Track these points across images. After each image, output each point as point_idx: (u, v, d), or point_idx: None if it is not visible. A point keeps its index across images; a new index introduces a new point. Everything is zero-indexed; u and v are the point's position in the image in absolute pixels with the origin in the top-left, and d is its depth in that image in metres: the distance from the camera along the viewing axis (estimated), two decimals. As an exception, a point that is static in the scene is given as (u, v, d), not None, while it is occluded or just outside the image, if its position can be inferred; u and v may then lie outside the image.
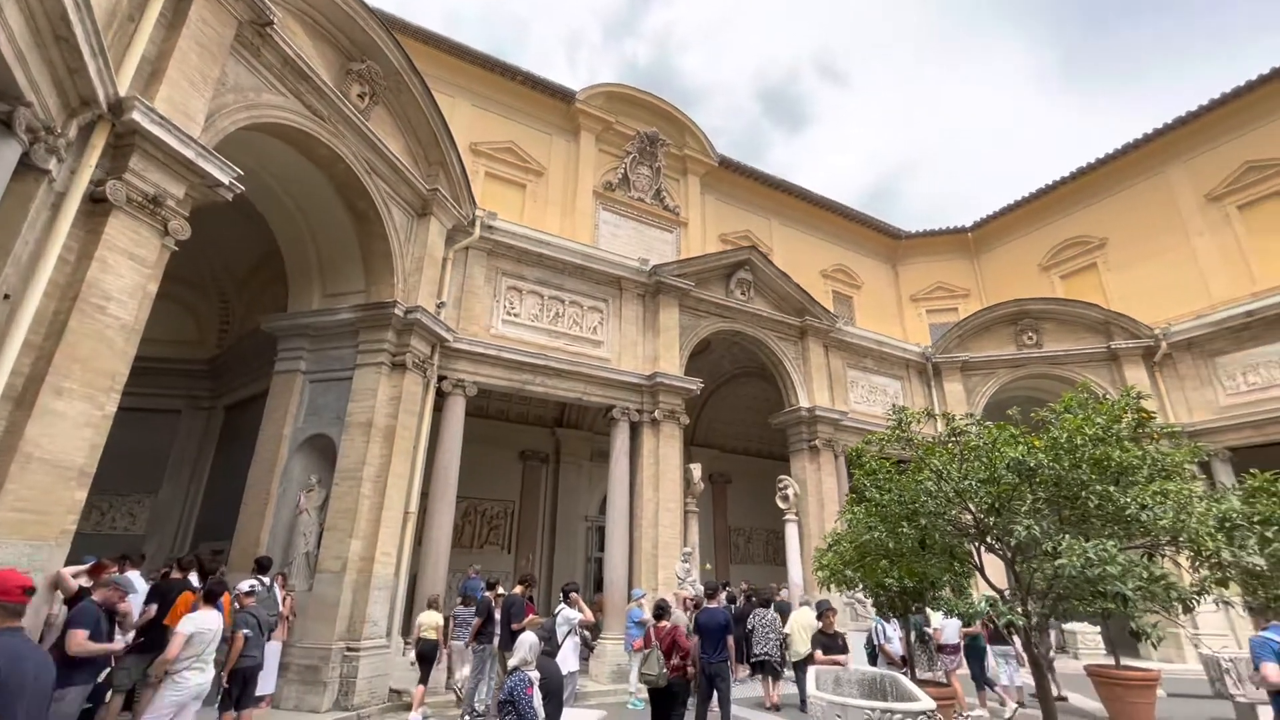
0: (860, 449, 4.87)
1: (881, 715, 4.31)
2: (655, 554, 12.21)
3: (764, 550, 21.62)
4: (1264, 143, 17.93)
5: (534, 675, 4.63)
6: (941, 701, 6.73)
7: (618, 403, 12.88)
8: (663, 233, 20.71)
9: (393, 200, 10.16)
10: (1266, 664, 4.12)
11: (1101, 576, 2.99)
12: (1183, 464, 3.89)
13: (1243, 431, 15.35)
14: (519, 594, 8.37)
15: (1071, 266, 22.20)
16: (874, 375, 17.59)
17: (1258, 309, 15.53)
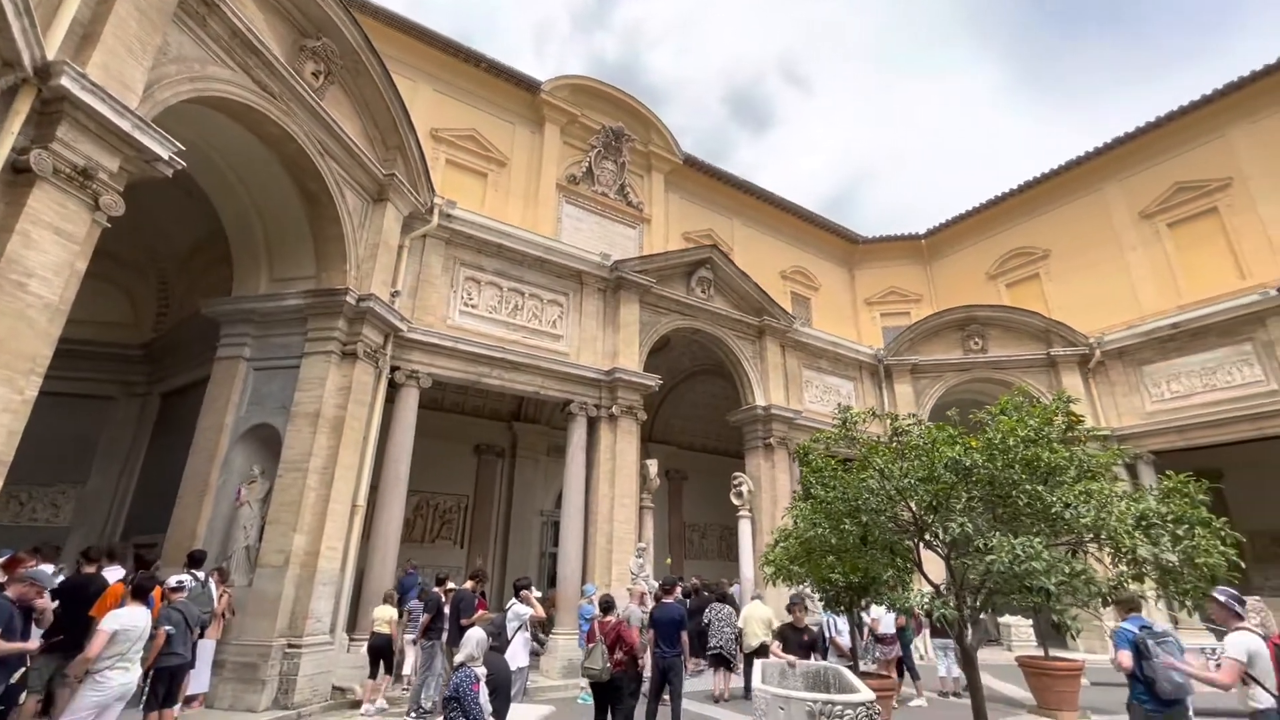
0: (807, 447, 4.98)
1: (823, 707, 4.43)
2: (610, 549, 12.23)
3: (718, 546, 21.89)
4: (1193, 165, 19.04)
5: (481, 671, 4.57)
6: (881, 693, 6.97)
7: (576, 397, 12.82)
8: (626, 228, 20.68)
9: (346, 184, 9.85)
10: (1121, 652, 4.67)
11: (1028, 572, 3.15)
12: (1108, 465, 4.11)
13: (1166, 436, 16.31)
14: (469, 589, 8.26)
15: (1017, 276, 23.15)
16: (828, 376, 17.99)
17: (1182, 321, 16.51)
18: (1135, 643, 4.61)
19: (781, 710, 4.50)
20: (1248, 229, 17.78)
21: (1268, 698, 4.29)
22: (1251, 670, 4.37)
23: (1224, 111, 18.55)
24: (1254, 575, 16.60)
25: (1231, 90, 18.25)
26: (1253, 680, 4.37)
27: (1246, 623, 4.45)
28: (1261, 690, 4.31)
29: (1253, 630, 4.53)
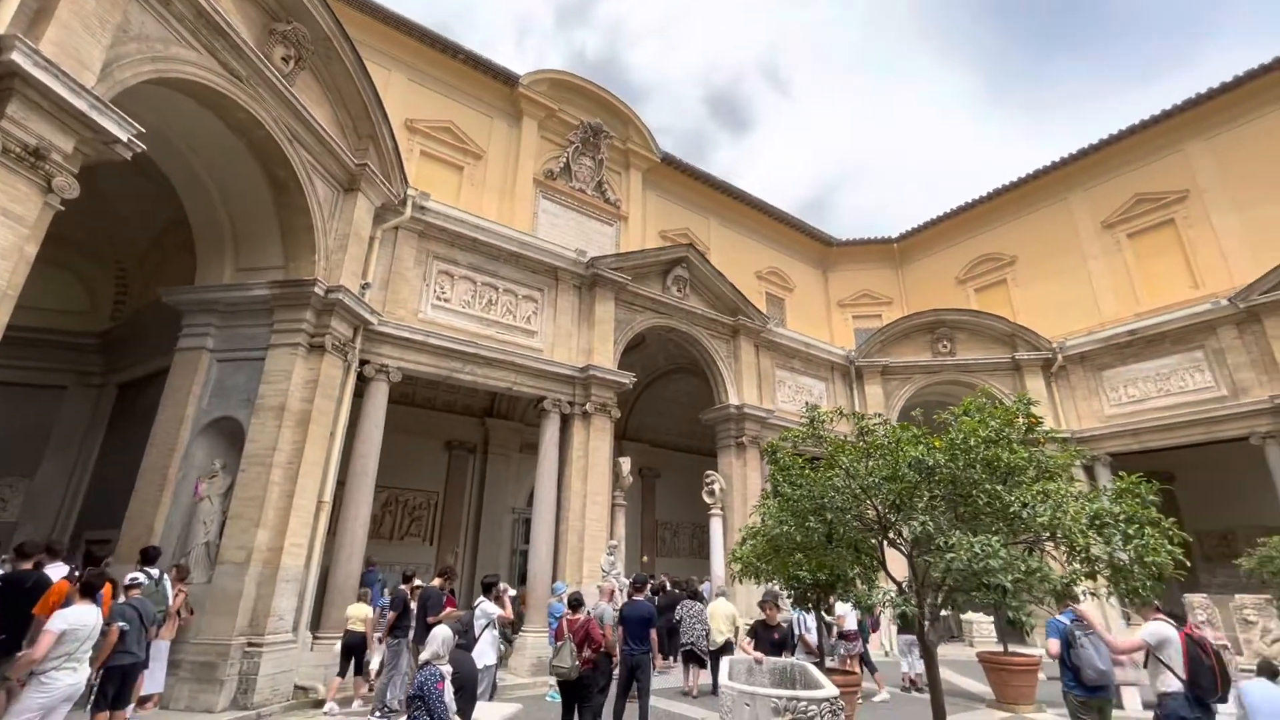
0: (775, 445, 5.03)
1: (788, 703, 4.48)
2: (581, 547, 12.20)
3: (689, 544, 22.01)
4: (1153, 177, 19.72)
5: (446, 670, 4.52)
6: (845, 688, 7.08)
7: (549, 394, 12.75)
8: (603, 225, 20.63)
9: (316, 172, 9.63)
10: (1051, 640, 5.27)
11: (986, 569, 3.24)
12: (1066, 466, 4.24)
13: (1122, 439, 16.88)
14: (437, 586, 8.17)
15: (985, 281, 23.70)
16: (801, 376, 18.20)
17: (1139, 328, 17.09)
18: (1064, 633, 5.12)
19: (747, 706, 4.54)
20: (1202, 240, 18.48)
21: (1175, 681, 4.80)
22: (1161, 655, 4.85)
23: (1183, 127, 19.23)
24: (1201, 574, 17.30)
25: (1190, 106, 18.93)
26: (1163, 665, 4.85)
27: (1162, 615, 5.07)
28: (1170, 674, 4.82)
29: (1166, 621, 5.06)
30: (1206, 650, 4.87)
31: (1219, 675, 4.78)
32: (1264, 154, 17.64)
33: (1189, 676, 4.79)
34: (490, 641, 7.24)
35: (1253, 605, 13.21)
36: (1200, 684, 4.77)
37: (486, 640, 7.20)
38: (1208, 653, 4.86)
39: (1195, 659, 4.84)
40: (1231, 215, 17.99)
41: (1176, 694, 4.84)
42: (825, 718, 4.48)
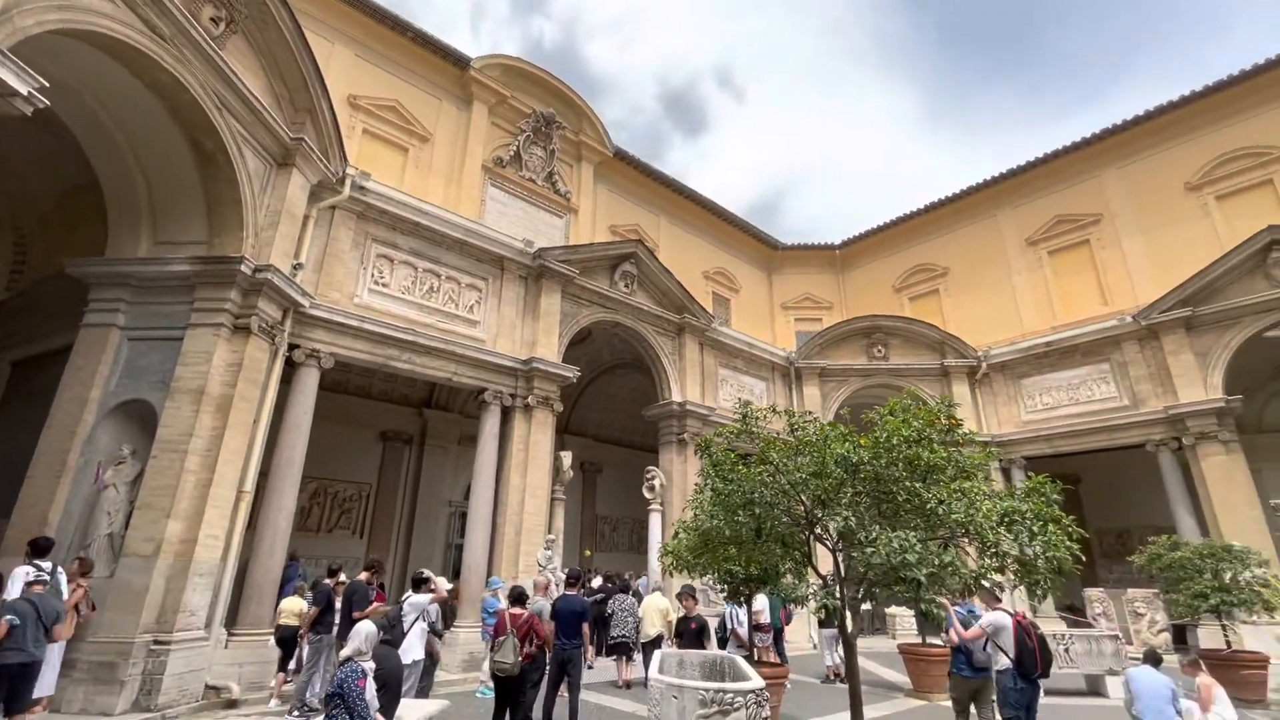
0: (708, 440, 5.10)
1: (715, 695, 4.56)
2: (518, 541, 12.05)
3: (629, 539, 22.10)
4: (1072, 200, 21.09)
5: (368, 666, 4.38)
6: (773, 680, 7.28)
7: (490, 385, 12.52)
8: (552, 217, 20.40)
9: (247, 144, 9.10)
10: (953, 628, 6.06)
11: (903, 564, 3.39)
12: (983, 466, 4.48)
13: (1036, 443, 18.01)
14: (364, 580, 7.89)
15: (919, 290, 24.78)
16: (743, 375, 18.54)
17: (1055, 341, 18.27)
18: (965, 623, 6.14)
19: (675, 699, 4.59)
20: (1112, 261, 19.90)
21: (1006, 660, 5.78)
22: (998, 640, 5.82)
23: (1099, 155, 20.65)
24: (1100, 570, 18.67)
25: (1105, 136, 20.33)
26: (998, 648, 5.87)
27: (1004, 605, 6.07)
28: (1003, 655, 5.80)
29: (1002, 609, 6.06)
30: (1030, 635, 5.72)
31: (1039, 655, 5.66)
32: (1167, 184, 19.15)
33: (1016, 656, 5.66)
34: (419, 636, 7.05)
35: (1142, 599, 14.37)
36: (1024, 662, 5.65)
37: (415, 635, 7.00)
38: (1031, 637, 5.72)
39: (1021, 642, 5.70)
40: (1139, 239, 19.45)
41: (1007, 670, 5.77)
42: (751, 709, 4.58)
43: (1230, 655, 10.31)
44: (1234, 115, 18.30)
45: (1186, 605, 10.75)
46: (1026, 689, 5.74)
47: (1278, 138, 17.50)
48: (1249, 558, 10.67)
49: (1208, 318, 15.58)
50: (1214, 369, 15.34)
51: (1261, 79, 17.76)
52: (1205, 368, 15.46)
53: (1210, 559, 10.75)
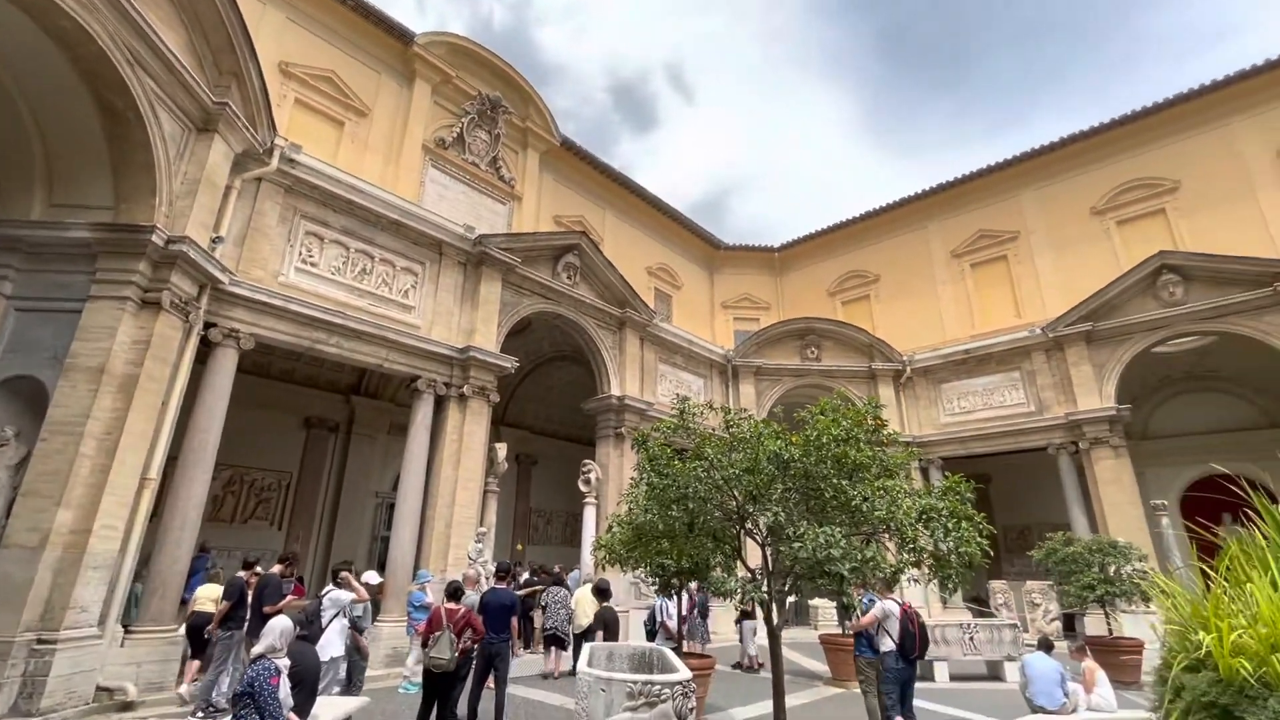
0: (645, 434, 5.15)
1: (643, 686, 4.61)
2: (448, 534, 11.78)
3: (562, 532, 22.01)
4: (993, 217, 22.44)
5: (283, 663, 4.18)
6: (699, 671, 7.43)
7: (424, 373, 12.14)
8: (495, 203, 19.96)
9: (163, 104, 8.43)
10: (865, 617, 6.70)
11: (828, 558, 3.53)
12: (905, 465, 4.72)
13: (952, 445, 19.12)
14: (277, 574, 7.53)
15: (852, 295, 25.77)
16: (682, 371, 18.76)
17: (973, 349, 19.42)
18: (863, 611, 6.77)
19: (603, 691, 4.61)
20: (1026, 276, 21.32)
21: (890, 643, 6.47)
22: (886, 625, 6.54)
23: (1019, 175, 22.05)
24: (1004, 563, 20.03)
25: (1025, 158, 21.74)
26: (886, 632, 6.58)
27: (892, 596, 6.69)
28: (888, 639, 6.49)
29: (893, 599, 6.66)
30: (913, 622, 6.49)
31: (918, 639, 6.48)
32: (1076, 207, 20.67)
33: (899, 639, 6.44)
34: (339, 631, 6.79)
35: (1038, 590, 15.52)
36: (905, 645, 6.42)
37: (334, 630, 6.74)
38: (913, 624, 6.49)
39: (904, 627, 6.46)
40: (1050, 256, 20.91)
41: (890, 652, 6.53)
42: (677, 700, 4.66)
43: (1112, 641, 11.30)
44: (1134, 148, 19.94)
45: (1076, 596, 11.70)
46: (905, 668, 6.51)
47: (1169, 171, 19.18)
48: (1130, 553, 11.73)
49: (1105, 333, 16.95)
50: (1108, 380, 16.71)
51: (1157, 117, 19.41)
52: (1101, 378, 16.82)
53: (1098, 554, 11.74)
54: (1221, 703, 4.76)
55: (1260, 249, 16.18)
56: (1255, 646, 4.82)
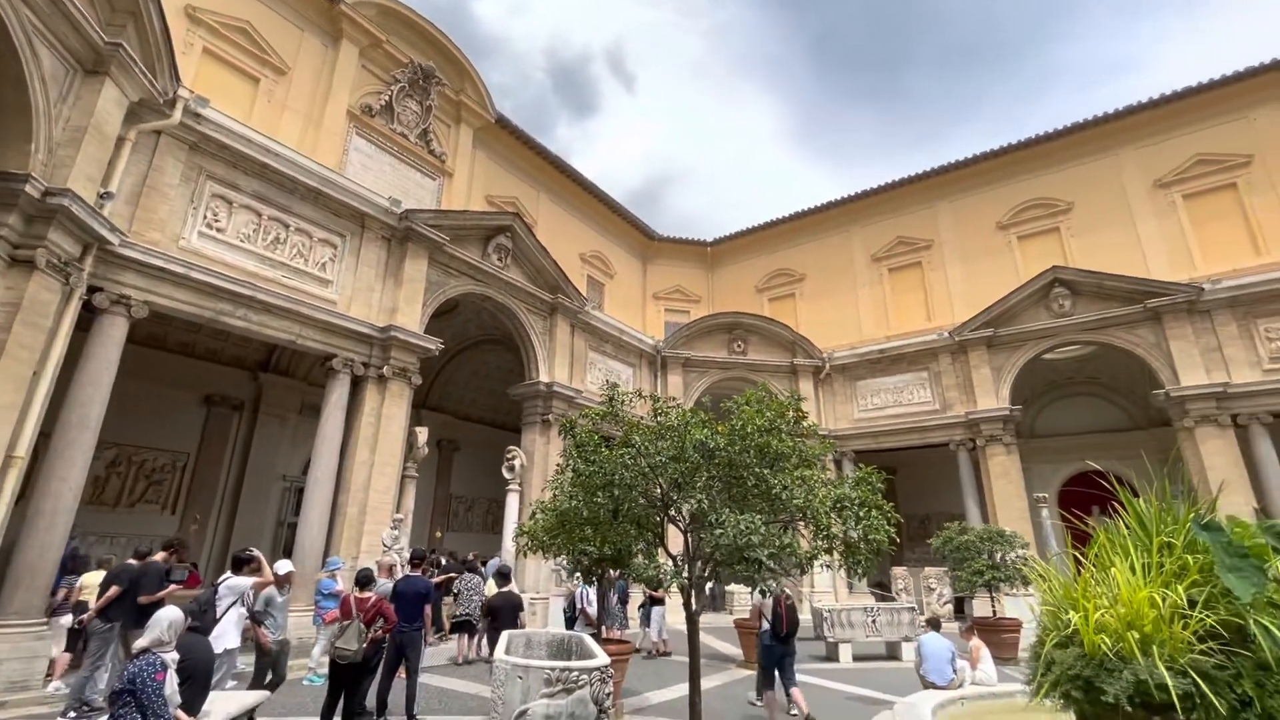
0: (572, 420, 5.12)
1: (560, 673, 4.60)
2: (362, 519, 11.30)
3: (484, 519, 21.63)
4: (911, 224, 23.71)
5: (170, 657, 3.87)
6: (618, 657, 7.51)
7: (341, 352, 11.54)
8: (424, 178, 19.16)
9: (42, 39, 7.52)
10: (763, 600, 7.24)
11: (747, 544, 3.65)
12: (822, 456, 4.93)
13: (865, 439, 20.18)
14: (159, 562, 7.00)
15: (778, 292, 26.59)
16: (611, 360, 18.77)
17: (887, 349, 20.53)
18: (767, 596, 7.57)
19: (520, 679, 4.57)
20: (937, 282, 22.70)
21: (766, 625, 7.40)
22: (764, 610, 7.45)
23: (936, 187, 23.39)
24: (906, 550, 21.37)
25: (941, 172, 23.08)
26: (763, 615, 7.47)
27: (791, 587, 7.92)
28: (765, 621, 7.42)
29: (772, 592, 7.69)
30: (781, 605, 7.36)
31: (786, 620, 7.35)
32: (984, 221, 22.18)
33: (772, 621, 7.38)
34: (235, 622, 6.38)
35: (935, 576, 16.67)
36: (775, 626, 7.33)
37: (230, 620, 6.33)
38: (781, 607, 7.37)
39: (776, 610, 7.37)
40: (959, 265, 22.35)
41: (765, 632, 7.45)
42: (595, 685, 4.68)
43: (995, 622, 12.31)
44: (1036, 170, 21.59)
45: (967, 580, 12.66)
46: (777, 646, 7.39)
47: (1065, 193, 20.91)
48: (1015, 541, 12.82)
49: (1004, 339, 18.34)
50: (1004, 382, 18.11)
51: (1057, 142, 21.10)
52: (998, 381, 18.20)
53: (988, 542, 12.75)
54: (1085, 675, 5.28)
55: (1136, 269, 17.93)
56: (1114, 625, 5.37)
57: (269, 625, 6.63)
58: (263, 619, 6.67)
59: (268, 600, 6.80)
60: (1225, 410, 14.95)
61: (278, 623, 6.85)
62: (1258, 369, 14.95)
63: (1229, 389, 14.90)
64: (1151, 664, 4.91)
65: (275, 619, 6.83)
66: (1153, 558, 5.79)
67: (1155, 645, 5.08)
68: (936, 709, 6.74)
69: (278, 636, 6.73)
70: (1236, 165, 18.25)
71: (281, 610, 7.04)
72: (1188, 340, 15.71)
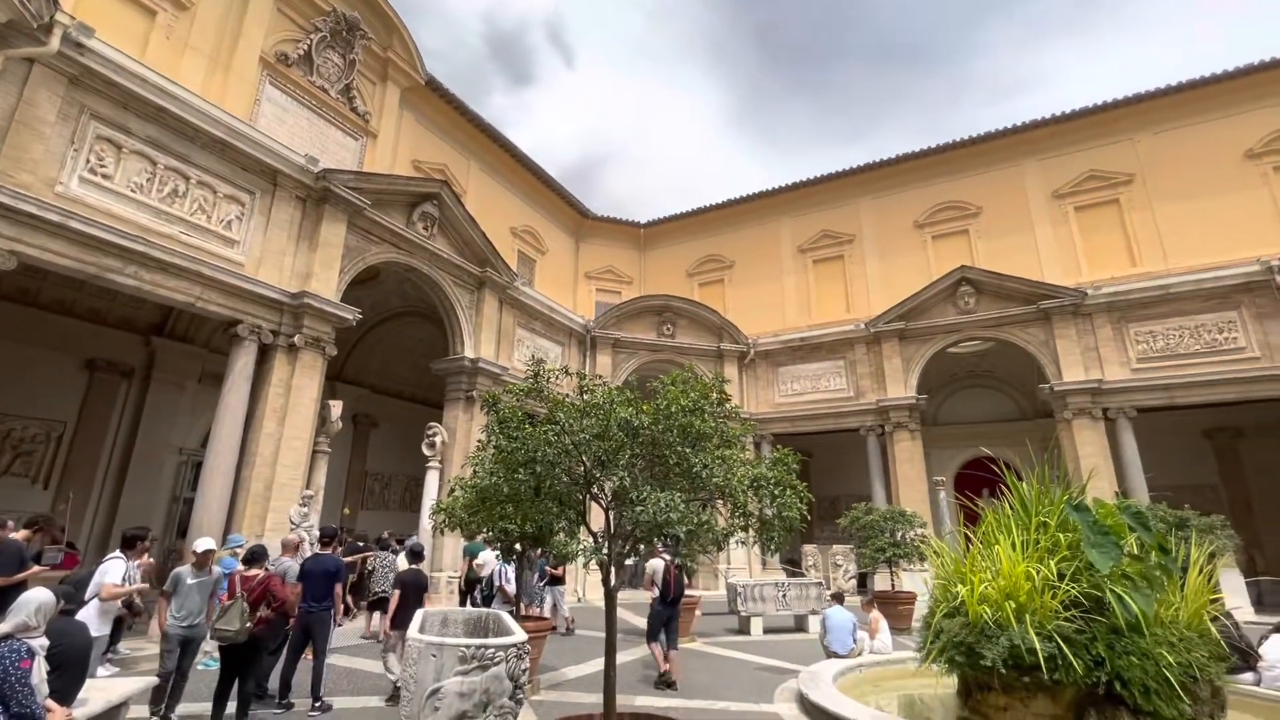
0: (495, 395, 5.04)
1: (476, 650, 4.56)
2: (268, 495, 10.70)
3: (402, 497, 21.00)
4: (835, 219, 24.63)
5: (37, 644, 3.54)
6: (535, 633, 7.54)
7: (247, 318, 10.78)
8: (346, 137, 18.03)
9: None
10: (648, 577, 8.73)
11: (667, 521, 3.74)
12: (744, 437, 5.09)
13: (783, 423, 21.01)
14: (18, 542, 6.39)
15: (708, 277, 27.02)
16: (540, 338, 18.54)
17: (808, 337, 21.37)
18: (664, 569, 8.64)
19: (434, 657, 4.49)
20: (858, 275, 23.75)
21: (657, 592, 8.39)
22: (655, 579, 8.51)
23: (859, 184, 24.38)
24: (817, 529, 22.55)
25: (864, 170, 24.08)
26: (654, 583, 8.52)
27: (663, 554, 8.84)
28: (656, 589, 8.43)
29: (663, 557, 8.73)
30: (670, 573, 8.40)
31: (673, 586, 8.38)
32: (902, 219, 23.35)
33: (661, 587, 8.39)
34: (97, 609, 5.91)
35: (841, 553, 17.69)
36: (663, 591, 8.35)
37: (92, 608, 5.86)
38: (671, 575, 8.40)
39: (665, 578, 8.38)
40: (877, 260, 23.46)
41: (656, 600, 8.40)
42: (511, 662, 4.67)
43: (894, 595, 13.23)
44: (951, 173, 22.89)
45: (870, 557, 13.52)
46: (665, 609, 8.30)
47: (975, 197, 22.31)
48: (915, 520, 13.79)
49: (914, 332, 19.49)
50: (912, 373, 19.30)
51: (970, 149, 22.44)
52: (907, 371, 19.37)
53: (890, 521, 13.65)
54: (968, 642, 5.78)
55: (1033, 272, 19.44)
56: (995, 596, 5.89)
57: (174, 609, 5.99)
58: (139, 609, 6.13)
59: (176, 581, 6.12)
60: (1098, 404, 16.58)
61: (187, 607, 6.00)
62: (1126, 368, 16.65)
63: (1103, 385, 16.53)
64: (1024, 631, 5.43)
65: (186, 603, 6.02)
66: (1031, 535, 6.37)
67: (1028, 614, 5.62)
68: (837, 676, 7.21)
69: (189, 623, 5.92)
70: (1120, 183, 20.06)
71: (198, 594, 6.12)
72: (1071, 340, 17.26)
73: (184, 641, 5.88)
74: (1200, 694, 5.50)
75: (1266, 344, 15.27)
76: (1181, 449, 18.20)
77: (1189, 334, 16.20)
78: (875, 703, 6.88)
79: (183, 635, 5.87)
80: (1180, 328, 16.32)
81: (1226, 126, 18.86)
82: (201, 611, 6.03)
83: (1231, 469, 18.66)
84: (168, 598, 5.95)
